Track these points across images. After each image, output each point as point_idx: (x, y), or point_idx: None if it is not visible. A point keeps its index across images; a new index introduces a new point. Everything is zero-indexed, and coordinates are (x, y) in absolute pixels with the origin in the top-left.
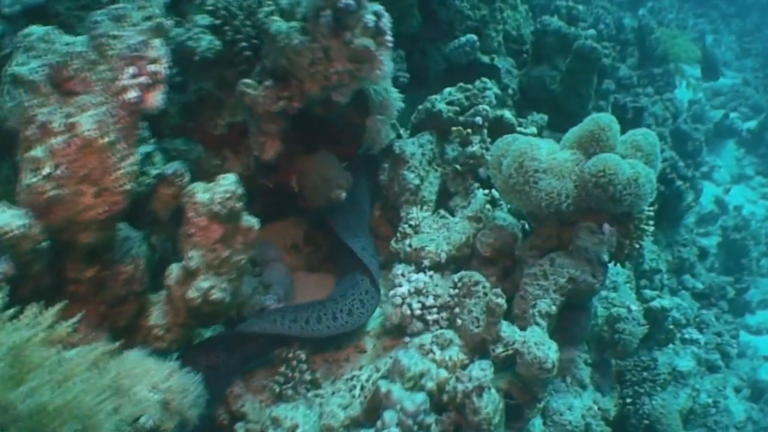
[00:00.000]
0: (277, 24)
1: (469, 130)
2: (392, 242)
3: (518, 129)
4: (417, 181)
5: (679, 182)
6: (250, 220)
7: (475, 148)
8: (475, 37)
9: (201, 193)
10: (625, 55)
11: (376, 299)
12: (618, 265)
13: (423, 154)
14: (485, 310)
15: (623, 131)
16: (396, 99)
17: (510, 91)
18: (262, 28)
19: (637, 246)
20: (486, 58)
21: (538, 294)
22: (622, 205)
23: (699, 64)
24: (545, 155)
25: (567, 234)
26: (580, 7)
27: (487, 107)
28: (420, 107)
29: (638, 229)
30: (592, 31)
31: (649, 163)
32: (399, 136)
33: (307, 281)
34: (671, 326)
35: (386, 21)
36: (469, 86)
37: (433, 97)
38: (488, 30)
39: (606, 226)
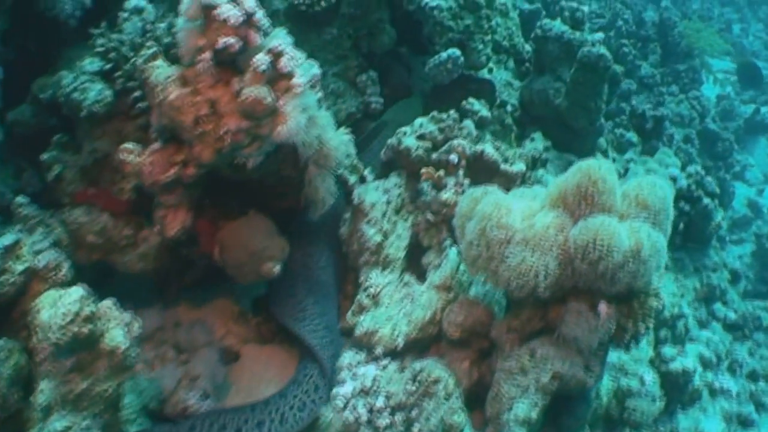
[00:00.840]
0: (157, 72)
1: (441, 172)
2: (348, 314)
3: (503, 167)
4: (378, 238)
5: (706, 200)
6: (117, 338)
7: (448, 194)
8: (457, 52)
9: (46, 309)
10: (646, 52)
11: (324, 398)
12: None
13: (388, 202)
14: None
15: (643, 142)
16: (340, 144)
17: (509, 108)
18: (141, 77)
19: (643, 327)
20: (484, 70)
21: (515, 394)
22: (617, 285)
23: (727, 56)
24: (519, 220)
25: (554, 314)
26: (585, 8)
27: (463, 142)
28: (389, 142)
29: (644, 306)
30: (599, 35)
31: (657, 224)
32: (362, 180)
33: (257, 357)
34: (696, 387)
35: (288, 60)
36: (443, 116)
37: (403, 129)
38: (474, 42)
39: (602, 306)
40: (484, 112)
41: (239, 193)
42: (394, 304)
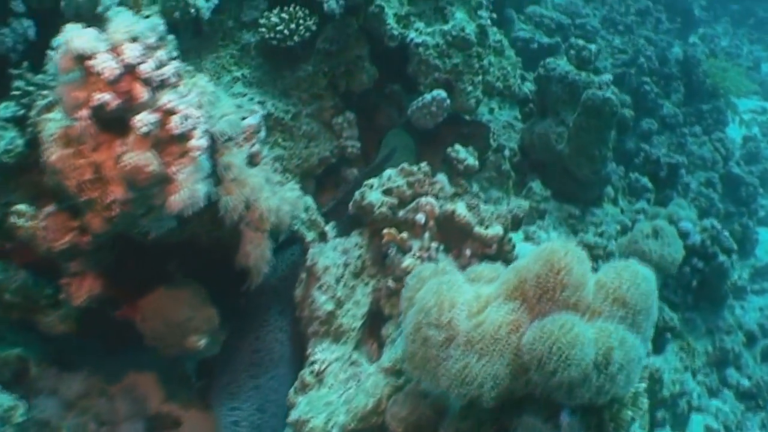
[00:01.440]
0: (48, 126)
1: (405, 234)
2: (291, 392)
3: (476, 230)
4: (329, 306)
5: (722, 257)
6: None
7: (409, 260)
8: (443, 94)
9: None
10: (669, 90)
11: None
12: None
13: (346, 265)
14: None
15: (657, 191)
16: (283, 203)
17: (507, 153)
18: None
19: None
20: (483, 109)
21: None
22: (578, 400)
23: (755, 96)
24: (464, 316)
25: (507, 422)
26: (593, 47)
27: (432, 200)
28: (357, 195)
29: (618, 418)
30: (607, 77)
31: (636, 325)
32: (323, 237)
33: (200, 424)
34: None
35: (181, 119)
36: (414, 168)
37: (370, 182)
38: (462, 83)
39: (563, 419)
40: (471, 160)
41: (171, 256)
42: (337, 386)
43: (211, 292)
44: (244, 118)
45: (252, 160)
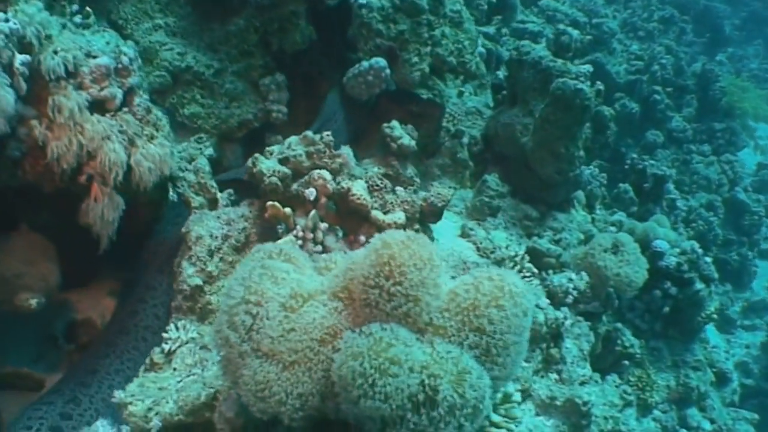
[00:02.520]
0: None
1: (288, 210)
2: (141, 370)
3: (373, 215)
4: (197, 281)
5: (698, 285)
6: None
7: (287, 239)
8: (382, 62)
9: None
10: (681, 103)
11: None
12: None
13: (226, 237)
14: None
15: (639, 203)
16: (144, 159)
17: (465, 140)
18: None
19: None
20: (451, 88)
21: None
22: None
23: None
24: (276, 313)
25: None
26: (575, 33)
27: (326, 174)
28: (250, 161)
29: None
30: (586, 67)
31: (490, 356)
32: (213, 203)
33: None
34: None
35: None
36: (316, 137)
37: (271, 147)
38: (407, 52)
39: None
40: (407, 140)
41: (14, 203)
42: (181, 370)
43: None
44: (95, 57)
45: (104, 106)
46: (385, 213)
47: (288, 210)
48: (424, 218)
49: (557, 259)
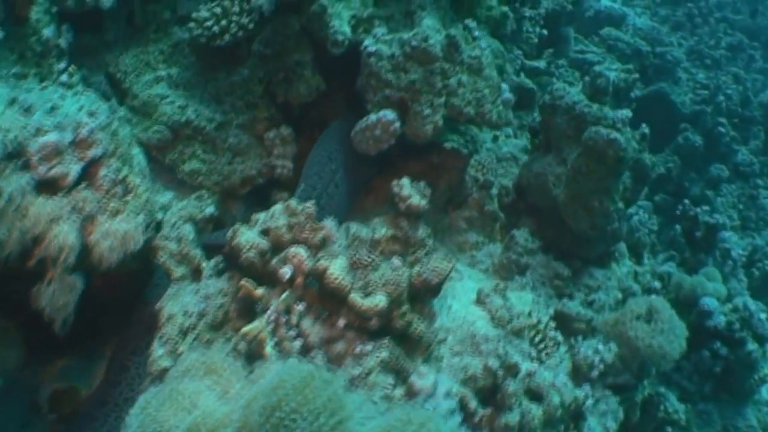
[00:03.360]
0: None
1: (260, 291)
2: None
3: (351, 298)
4: (166, 363)
5: (751, 345)
6: None
7: (254, 324)
8: (390, 115)
9: None
10: (748, 136)
11: None
12: None
13: (202, 315)
14: None
15: (691, 253)
16: (105, 237)
17: (494, 191)
18: None
19: None
20: (486, 132)
21: None
22: None
23: None
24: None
25: None
26: (612, 75)
27: (302, 251)
28: (230, 231)
29: None
30: (625, 112)
31: None
32: (197, 273)
33: None
34: None
35: None
36: (299, 207)
37: (256, 216)
38: (418, 104)
39: None
40: (416, 199)
41: None
42: None
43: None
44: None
45: (56, 184)
46: (366, 295)
47: (260, 291)
48: (419, 295)
49: (588, 323)
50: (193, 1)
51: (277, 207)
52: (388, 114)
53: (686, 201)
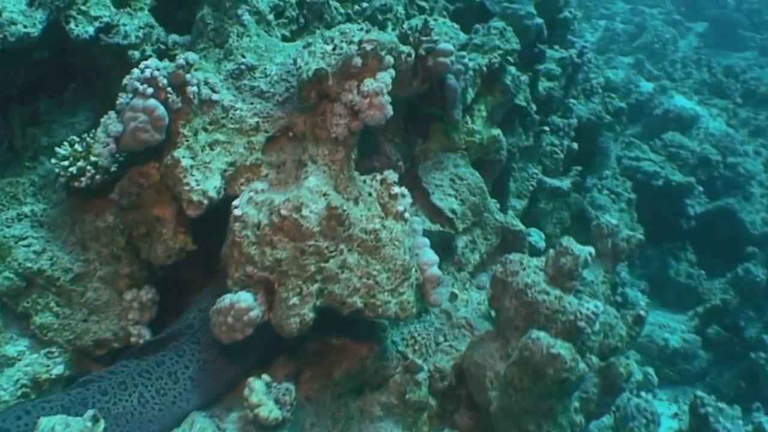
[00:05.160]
0: None
1: None
2: None
3: None
4: None
5: None
6: None
7: None
8: (248, 299)
9: None
10: None
11: None
12: None
13: None
14: None
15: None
16: None
17: (423, 376)
18: None
19: None
20: (445, 288)
21: None
22: None
23: None
24: None
25: None
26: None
27: None
28: None
29: None
30: (596, 305)
31: None
32: None
33: None
34: None
35: None
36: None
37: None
38: (285, 289)
39: None
40: (266, 411)
41: None
42: None
43: None
44: None
45: None
46: None
47: None
48: None
49: None
50: (64, 128)
51: None
52: (244, 298)
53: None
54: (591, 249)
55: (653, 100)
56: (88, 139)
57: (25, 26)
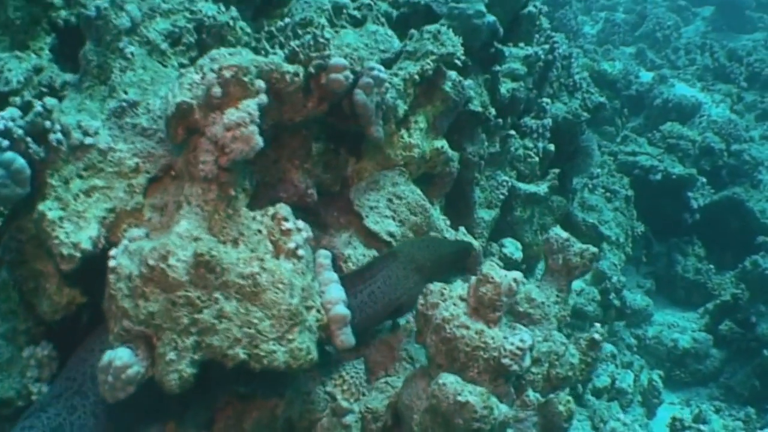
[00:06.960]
0: None
1: None
2: None
3: None
4: None
5: None
6: None
7: None
8: (123, 357)
9: None
10: None
11: None
12: None
13: None
14: None
15: None
16: None
17: (352, 419)
18: None
19: None
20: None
21: None
22: None
23: None
24: None
25: None
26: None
27: None
28: None
29: None
30: (526, 335)
31: None
32: None
33: None
34: None
35: None
36: None
37: None
38: (162, 344)
39: None
40: None
41: None
42: None
43: None
44: None
45: None
46: None
47: None
48: None
49: None
50: None
51: None
52: (121, 356)
53: None
54: (517, 274)
55: (653, 90)
56: None
57: None
